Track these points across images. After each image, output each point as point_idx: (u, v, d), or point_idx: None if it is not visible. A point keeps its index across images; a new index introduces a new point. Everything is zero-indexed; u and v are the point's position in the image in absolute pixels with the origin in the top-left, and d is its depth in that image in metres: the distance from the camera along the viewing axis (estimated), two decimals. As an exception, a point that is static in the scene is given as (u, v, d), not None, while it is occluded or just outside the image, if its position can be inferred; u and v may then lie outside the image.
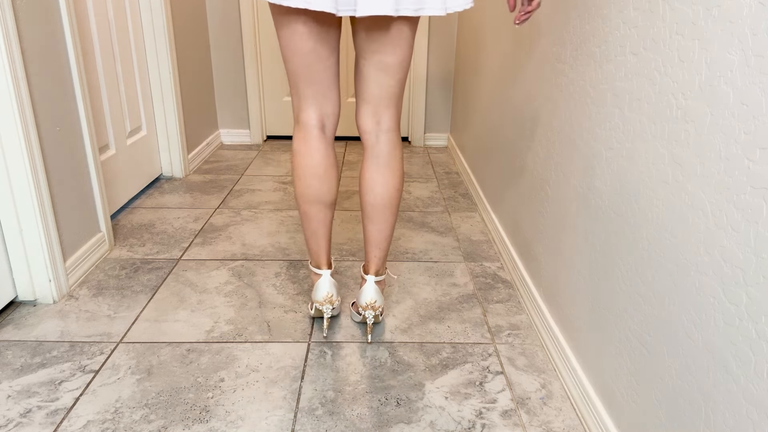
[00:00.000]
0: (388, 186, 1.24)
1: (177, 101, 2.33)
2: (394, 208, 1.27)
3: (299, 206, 1.27)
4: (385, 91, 1.18)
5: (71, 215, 1.55)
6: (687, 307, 0.78)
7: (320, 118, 1.20)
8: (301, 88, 1.17)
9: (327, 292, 1.28)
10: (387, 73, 1.15)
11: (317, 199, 1.24)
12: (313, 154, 1.20)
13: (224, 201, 2.18)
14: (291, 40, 1.11)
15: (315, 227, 1.28)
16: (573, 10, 1.22)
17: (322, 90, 1.17)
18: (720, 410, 0.71)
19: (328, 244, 1.31)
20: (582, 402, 1.11)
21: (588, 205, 1.12)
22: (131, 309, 1.45)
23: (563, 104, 1.27)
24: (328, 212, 1.27)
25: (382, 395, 1.17)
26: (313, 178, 1.22)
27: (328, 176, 1.22)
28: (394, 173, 1.24)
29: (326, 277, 1.29)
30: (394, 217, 1.29)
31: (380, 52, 1.13)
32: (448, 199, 2.25)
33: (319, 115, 1.20)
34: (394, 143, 1.23)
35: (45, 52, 1.42)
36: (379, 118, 1.20)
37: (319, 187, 1.22)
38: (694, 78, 0.77)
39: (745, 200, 0.67)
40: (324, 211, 1.26)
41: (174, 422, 1.08)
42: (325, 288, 1.28)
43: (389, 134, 1.22)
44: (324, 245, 1.30)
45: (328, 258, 1.33)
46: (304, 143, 1.20)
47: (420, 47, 2.82)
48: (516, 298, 1.54)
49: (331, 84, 1.18)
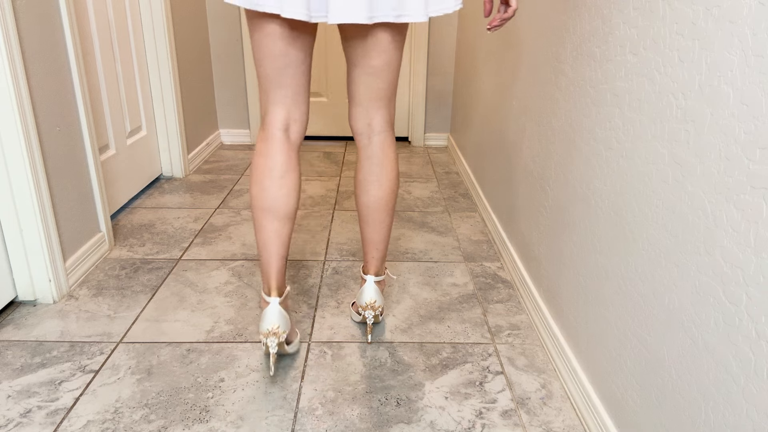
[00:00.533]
0: (382, 187, 1.22)
1: (177, 101, 2.33)
2: (390, 209, 1.26)
3: (252, 213, 1.17)
4: (375, 93, 1.17)
5: (71, 215, 1.55)
6: (687, 307, 0.78)
7: (286, 121, 1.15)
8: (271, 91, 1.13)
9: (272, 323, 1.13)
10: (375, 76, 1.15)
11: (271, 207, 1.13)
12: (273, 155, 1.13)
13: (224, 201, 2.18)
14: (263, 44, 1.09)
15: (266, 240, 1.15)
16: (573, 10, 1.22)
17: (291, 94, 1.14)
18: (720, 410, 0.71)
19: (281, 263, 1.17)
20: (582, 402, 1.11)
21: (588, 205, 1.12)
22: (131, 309, 1.45)
23: (563, 104, 1.27)
24: (282, 225, 1.15)
25: (382, 395, 1.17)
26: (268, 180, 1.13)
27: (285, 181, 1.14)
28: (388, 174, 1.22)
29: (274, 305, 1.14)
30: (391, 218, 1.27)
31: (366, 56, 1.13)
32: (448, 199, 2.25)
33: (285, 119, 1.15)
34: (387, 144, 1.22)
35: (45, 52, 1.42)
36: (371, 120, 1.20)
37: (274, 192, 1.13)
38: (694, 78, 0.77)
39: (745, 200, 0.67)
40: (277, 223, 1.14)
41: (174, 422, 1.08)
42: (270, 319, 1.13)
43: (381, 135, 1.21)
44: (275, 264, 1.16)
45: (280, 282, 1.18)
46: (265, 143, 1.15)
47: (420, 47, 2.82)
48: (516, 298, 1.54)
49: (301, 89, 1.15)
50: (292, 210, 1.16)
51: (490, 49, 2.01)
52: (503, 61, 1.81)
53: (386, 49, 1.12)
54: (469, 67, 2.42)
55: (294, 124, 1.16)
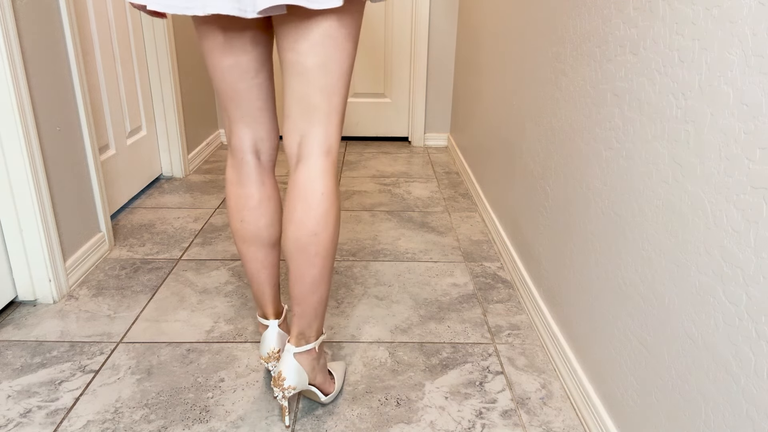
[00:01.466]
0: (300, 228, 0.94)
1: (177, 101, 2.33)
2: (313, 257, 0.95)
3: (236, 246, 1.09)
4: (305, 102, 0.91)
5: (71, 215, 1.55)
6: (687, 307, 0.78)
7: (253, 142, 1.02)
8: (230, 110, 1.00)
9: (272, 347, 1.11)
10: (305, 78, 0.90)
11: (253, 238, 1.05)
12: (244, 183, 1.03)
13: (224, 201, 2.18)
14: (210, 55, 0.95)
15: (254, 270, 1.09)
16: (573, 9, 1.22)
17: (251, 112, 1.00)
18: (720, 410, 0.71)
19: (274, 291, 1.12)
20: (582, 402, 1.11)
21: (588, 205, 1.12)
22: (131, 309, 1.45)
23: (563, 104, 1.27)
24: (269, 253, 1.08)
25: (382, 395, 1.17)
26: (244, 211, 1.04)
27: (263, 209, 1.04)
28: (309, 213, 0.93)
29: (273, 329, 1.11)
30: (317, 270, 0.96)
31: (294, 50, 0.89)
32: (448, 199, 2.25)
33: (251, 140, 1.02)
34: (317, 174, 0.93)
35: (45, 52, 1.42)
36: (301, 138, 0.94)
37: (254, 222, 1.04)
38: (694, 78, 0.77)
39: (745, 200, 0.67)
40: (262, 252, 1.07)
41: (174, 422, 1.08)
42: (270, 342, 1.11)
43: (310, 161, 0.93)
44: (269, 292, 1.11)
45: (276, 306, 1.13)
46: (234, 170, 1.04)
47: (420, 47, 2.82)
48: (516, 298, 1.54)
49: (263, 105, 1.00)
50: (276, 237, 1.07)
51: (491, 49, 2.01)
52: (503, 61, 1.81)
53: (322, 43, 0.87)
54: (469, 67, 2.42)
55: (262, 143, 1.03)
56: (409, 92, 2.95)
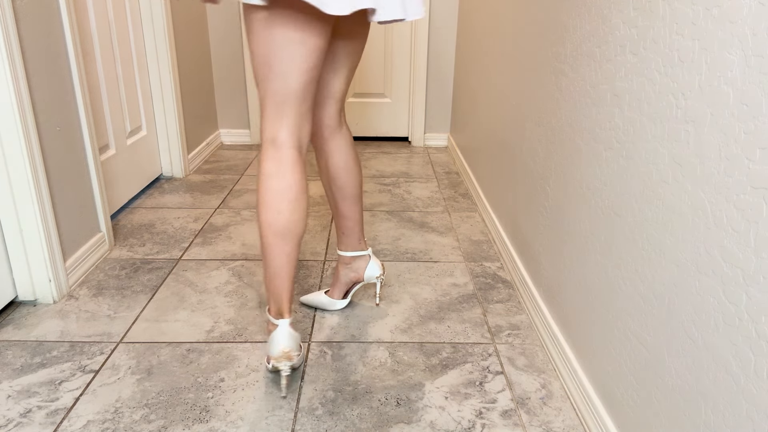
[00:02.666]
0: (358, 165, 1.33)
1: (177, 101, 2.33)
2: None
3: (264, 239, 1.10)
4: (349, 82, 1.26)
5: (71, 215, 1.55)
6: (687, 307, 0.78)
7: (299, 137, 1.07)
8: (287, 107, 1.04)
9: (285, 346, 1.09)
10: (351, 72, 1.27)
11: (285, 232, 1.08)
12: (286, 177, 1.06)
13: (224, 201, 2.18)
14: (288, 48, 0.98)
15: (280, 265, 1.10)
16: (573, 9, 1.22)
17: (309, 107, 1.06)
18: (720, 410, 0.71)
19: (293, 286, 1.15)
20: (582, 402, 1.11)
21: (588, 205, 1.12)
22: (131, 309, 1.45)
23: (563, 104, 1.27)
24: (294, 248, 1.11)
25: (382, 395, 1.17)
26: (283, 203, 1.06)
27: (299, 203, 1.08)
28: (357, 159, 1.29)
29: (285, 327, 1.11)
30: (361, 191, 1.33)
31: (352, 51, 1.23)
32: (448, 199, 2.25)
33: (298, 135, 1.07)
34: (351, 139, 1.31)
35: (45, 52, 1.42)
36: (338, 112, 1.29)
37: (289, 215, 1.07)
38: (694, 78, 0.77)
39: (745, 200, 0.67)
40: (291, 245, 1.10)
41: (174, 422, 1.08)
42: (283, 341, 1.09)
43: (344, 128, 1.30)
44: (288, 287, 1.13)
45: (290, 304, 1.16)
46: (277, 164, 1.06)
47: (420, 47, 2.82)
48: (516, 298, 1.54)
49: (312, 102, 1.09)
50: (303, 232, 1.12)
51: (491, 49, 2.01)
52: (503, 62, 1.81)
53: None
54: (469, 67, 2.42)
55: (305, 139, 1.09)
56: (409, 92, 2.95)
